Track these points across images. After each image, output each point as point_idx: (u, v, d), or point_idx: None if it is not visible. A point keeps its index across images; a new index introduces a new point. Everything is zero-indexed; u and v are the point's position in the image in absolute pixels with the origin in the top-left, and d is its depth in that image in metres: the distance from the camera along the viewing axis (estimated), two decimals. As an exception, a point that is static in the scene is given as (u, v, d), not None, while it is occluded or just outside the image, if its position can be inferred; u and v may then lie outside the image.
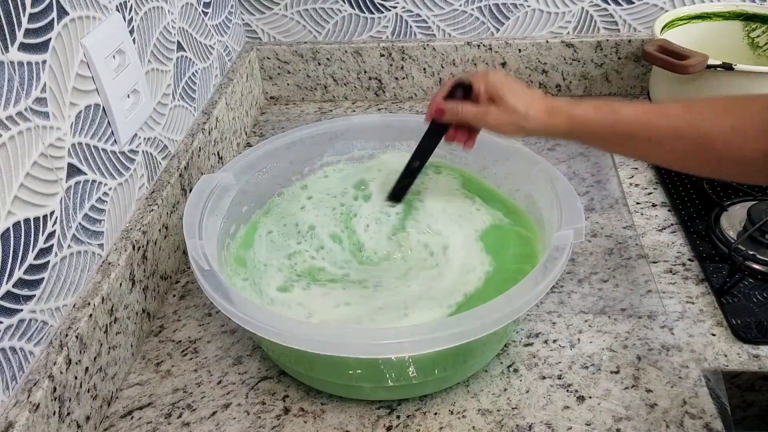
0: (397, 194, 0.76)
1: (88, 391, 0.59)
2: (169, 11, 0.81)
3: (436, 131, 0.71)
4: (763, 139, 0.55)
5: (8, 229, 0.51)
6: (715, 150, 0.57)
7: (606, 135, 0.62)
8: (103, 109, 0.65)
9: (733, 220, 0.79)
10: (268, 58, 1.11)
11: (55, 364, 0.54)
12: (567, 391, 0.61)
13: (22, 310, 0.53)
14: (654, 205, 0.85)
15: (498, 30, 1.07)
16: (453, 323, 0.53)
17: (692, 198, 0.85)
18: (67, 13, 0.59)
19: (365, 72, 1.11)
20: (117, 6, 0.68)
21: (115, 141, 0.67)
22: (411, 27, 1.08)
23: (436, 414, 0.60)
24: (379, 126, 0.82)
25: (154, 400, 0.63)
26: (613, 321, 0.68)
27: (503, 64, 1.08)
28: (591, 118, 0.61)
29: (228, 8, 1.03)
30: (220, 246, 0.69)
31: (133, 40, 0.71)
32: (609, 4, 1.04)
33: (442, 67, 1.10)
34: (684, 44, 0.87)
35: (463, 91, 0.67)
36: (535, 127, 0.64)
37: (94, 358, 0.59)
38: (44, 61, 0.56)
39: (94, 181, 0.63)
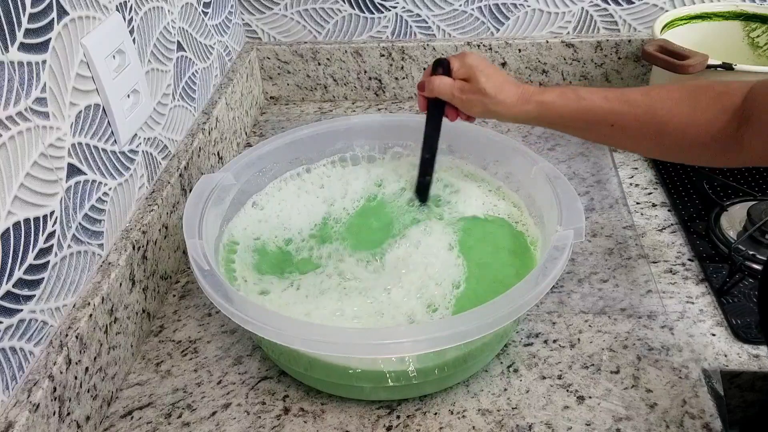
0: (421, 193, 0.76)
1: (88, 391, 0.59)
2: (169, 11, 0.81)
3: (434, 115, 0.73)
4: (715, 128, 0.58)
5: (8, 229, 0.51)
6: (672, 136, 0.61)
7: (571, 120, 0.65)
8: (103, 109, 0.65)
9: (733, 220, 0.79)
10: (268, 58, 1.11)
11: (55, 364, 0.54)
12: (567, 391, 0.61)
13: (22, 310, 0.53)
14: (654, 205, 0.85)
15: (498, 30, 1.07)
16: (453, 323, 0.53)
17: (692, 198, 0.85)
18: (67, 13, 0.59)
19: (365, 72, 1.11)
20: (117, 6, 0.68)
21: (115, 141, 0.67)
22: (411, 27, 1.08)
23: (436, 414, 0.60)
24: (379, 126, 0.82)
25: (154, 400, 0.63)
26: (613, 321, 0.68)
27: (503, 64, 1.08)
28: (558, 103, 0.65)
29: (228, 8, 1.03)
30: (219, 246, 0.69)
31: (133, 40, 0.71)
32: (609, 4, 1.04)
33: (442, 67, 1.10)
34: (684, 44, 0.87)
35: (442, 68, 0.70)
36: (504, 112, 0.67)
37: (94, 358, 0.59)
38: (44, 61, 0.56)
39: (94, 181, 0.63)
